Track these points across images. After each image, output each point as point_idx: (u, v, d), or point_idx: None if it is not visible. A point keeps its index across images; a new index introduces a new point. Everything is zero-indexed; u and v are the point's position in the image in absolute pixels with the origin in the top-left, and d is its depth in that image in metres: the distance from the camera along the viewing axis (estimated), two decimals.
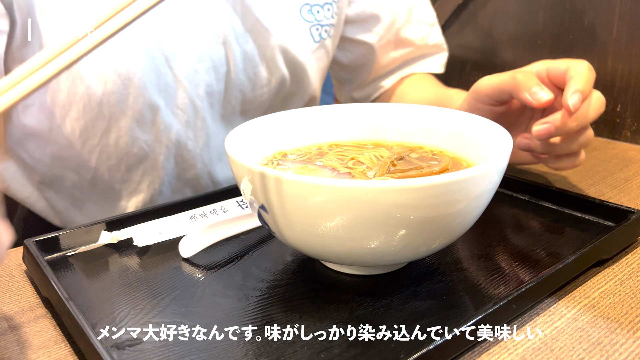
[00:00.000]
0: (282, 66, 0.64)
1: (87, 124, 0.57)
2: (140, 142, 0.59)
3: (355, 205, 0.34)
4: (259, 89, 0.64)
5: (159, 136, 0.60)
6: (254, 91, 0.64)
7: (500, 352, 0.35)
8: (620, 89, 0.75)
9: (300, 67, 0.66)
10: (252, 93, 0.64)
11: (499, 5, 0.86)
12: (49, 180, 0.64)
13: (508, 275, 0.42)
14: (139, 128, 0.58)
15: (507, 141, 0.40)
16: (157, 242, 0.48)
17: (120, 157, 0.60)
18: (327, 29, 0.67)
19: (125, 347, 0.35)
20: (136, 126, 0.58)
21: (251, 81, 0.63)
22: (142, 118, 0.58)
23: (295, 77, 0.66)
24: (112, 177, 0.62)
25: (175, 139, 0.61)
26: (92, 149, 0.59)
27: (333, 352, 0.34)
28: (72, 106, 0.56)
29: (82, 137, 0.58)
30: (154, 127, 0.59)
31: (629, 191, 0.58)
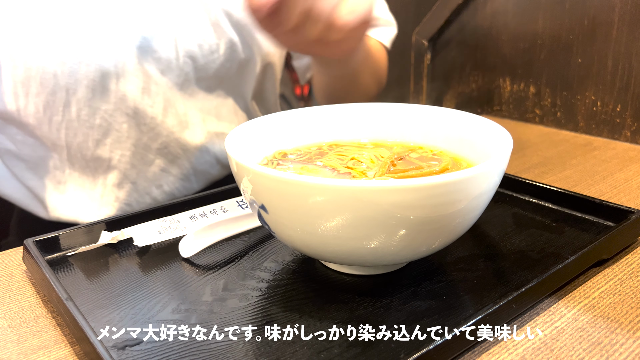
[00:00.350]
0: (229, 30, 0.65)
1: (48, 98, 0.58)
2: (100, 112, 0.61)
3: (355, 205, 0.34)
4: (209, 55, 0.65)
5: (117, 105, 0.61)
6: (204, 57, 0.65)
7: (500, 352, 0.35)
8: (620, 89, 0.75)
9: (247, 31, 0.67)
10: (203, 59, 0.65)
11: (499, 5, 0.86)
12: (33, 164, 0.65)
13: (508, 275, 0.42)
14: (96, 97, 0.60)
15: (507, 141, 0.40)
16: (157, 242, 0.48)
17: (85, 132, 0.61)
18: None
19: (125, 347, 0.35)
20: (93, 95, 0.59)
21: (200, 47, 0.64)
22: (97, 86, 0.59)
23: (245, 41, 0.67)
24: (84, 155, 0.63)
25: (133, 107, 0.62)
26: (59, 125, 0.60)
27: (333, 352, 0.34)
28: (31, 82, 0.57)
29: (47, 114, 0.59)
30: (110, 95, 0.60)
31: (629, 191, 0.58)
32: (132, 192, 0.66)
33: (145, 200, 0.68)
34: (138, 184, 0.66)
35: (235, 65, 0.68)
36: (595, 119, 0.78)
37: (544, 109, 0.84)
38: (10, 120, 0.61)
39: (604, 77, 0.76)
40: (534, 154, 0.71)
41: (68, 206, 0.66)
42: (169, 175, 0.68)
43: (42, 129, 0.61)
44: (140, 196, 0.67)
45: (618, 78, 0.75)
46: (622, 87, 0.74)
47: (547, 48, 0.81)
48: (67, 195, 0.66)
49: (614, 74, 0.75)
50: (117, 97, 0.61)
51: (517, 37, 0.85)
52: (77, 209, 0.66)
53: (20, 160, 0.65)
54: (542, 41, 0.82)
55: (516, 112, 0.88)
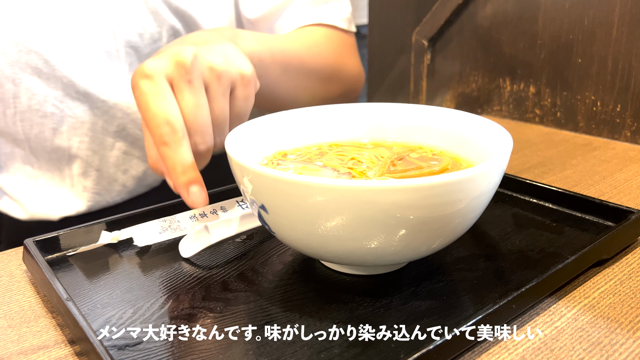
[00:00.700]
0: (169, 17, 0.64)
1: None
2: (50, 99, 0.60)
3: (355, 205, 0.34)
4: (152, 44, 0.64)
5: (66, 90, 0.60)
6: (147, 46, 0.64)
7: (500, 352, 0.35)
8: (620, 89, 0.75)
9: (189, 17, 0.65)
10: (146, 49, 0.64)
11: (499, 5, 0.86)
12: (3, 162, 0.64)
13: (508, 275, 0.42)
14: (44, 84, 0.59)
15: (507, 141, 0.40)
16: (157, 242, 0.48)
17: (39, 121, 0.61)
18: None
19: (125, 347, 0.35)
20: (40, 82, 0.59)
21: (141, 37, 0.63)
22: (42, 73, 0.59)
23: (188, 27, 0.66)
24: (44, 146, 0.62)
25: (84, 91, 0.61)
26: (14, 118, 0.60)
27: (333, 352, 0.34)
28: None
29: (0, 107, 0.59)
30: (56, 82, 0.60)
31: (629, 191, 0.58)
32: (99, 180, 0.65)
33: (115, 187, 0.67)
34: (103, 171, 0.65)
35: None
36: (595, 119, 0.78)
37: (544, 109, 0.84)
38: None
39: (604, 77, 0.76)
40: (534, 154, 0.71)
41: (42, 202, 0.65)
42: (133, 157, 0.67)
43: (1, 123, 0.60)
44: (108, 183, 0.66)
45: (618, 78, 0.75)
46: (622, 87, 0.74)
47: (547, 48, 0.81)
48: (39, 191, 0.65)
49: (614, 74, 0.75)
50: (64, 83, 0.60)
51: (517, 37, 0.85)
52: (51, 204, 0.65)
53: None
54: (542, 41, 0.82)
55: (516, 112, 0.88)
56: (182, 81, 0.43)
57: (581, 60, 0.78)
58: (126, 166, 0.67)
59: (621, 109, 0.75)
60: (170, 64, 0.43)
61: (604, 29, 0.74)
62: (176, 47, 0.44)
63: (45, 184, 0.65)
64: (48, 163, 0.64)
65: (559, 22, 0.79)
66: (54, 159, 0.64)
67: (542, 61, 0.83)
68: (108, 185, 0.66)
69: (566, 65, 0.80)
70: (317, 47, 0.70)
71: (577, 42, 0.78)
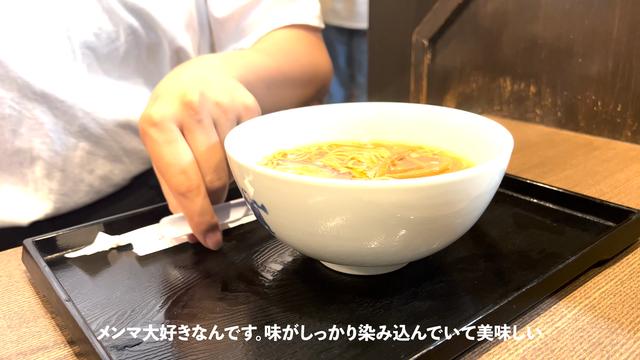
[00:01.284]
0: (126, 16, 0.63)
1: None
2: (6, 101, 0.59)
3: (355, 205, 0.34)
4: (110, 44, 0.63)
5: (22, 91, 0.59)
6: (105, 46, 0.63)
7: (501, 353, 0.35)
8: (621, 89, 0.74)
9: (146, 14, 0.64)
10: (103, 49, 0.63)
11: (499, 5, 0.86)
12: None
13: (508, 276, 0.42)
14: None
15: (508, 141, 0.40)
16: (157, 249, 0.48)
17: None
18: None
19: (125, 348, 0.35)
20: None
21: (97, 36, 0.62)
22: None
23: (147, 25, 0.65)
24: (5, 149, 0.61)
25: (41, 92, 0.60)
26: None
27: (333, 353, 0.34)
28: None
29: None
30: (11, 83, 0.58)
31: (630, 191, 0.58)
32: (65, 181, 0.64)
33: (82, 188, 0.66)
34: (68, 172, 0.64)
35: (143, 51, 0.66)
36: (595, 119, 0.78)
37: (545, 108, 0.84)
38: None
39: (604, 77, 0.76)
40: (535, 154, 0.71)
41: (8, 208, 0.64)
42: (98, 157, 0.66)
43: None
44: (74, 184, 0.65)
45: (619, 78, 0.75)
46: (622, 87, 0.74)
47: (547, 48, 0.81)
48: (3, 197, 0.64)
49: (614, 74, 0.75)
50: (19, 84, 0.58)
51: (518, 36, 0.85)
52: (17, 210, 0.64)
53: None
54: (543, 41, 0.81)
55: (516, 112, 0.88)
56: (193, 122, 0.43)
57: (582, 60, 0.78)
58: (92, 166, 0.66)
59: (622, 108, 0.75)
60: (178, 107, 0.43)
61: (604, 29, 0.74)
62: (178, 88, 0.44)
63: (8, 189, 0.64)
64: (9, 167, 0.63)
65: (559, 21, 0.79)
66: (16, 162, 0.62)
67: (542, 61, 0.82)
68: (74, 185, 0.65)
69: (567, 65, 0.80)
70: (294, 54, 0.69)
71: (577, 42, 0.78)
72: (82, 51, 0.61)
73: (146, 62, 0.67)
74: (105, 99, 0.65)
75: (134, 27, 0.64)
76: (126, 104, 0.66)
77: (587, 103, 0.79)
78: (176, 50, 0.70)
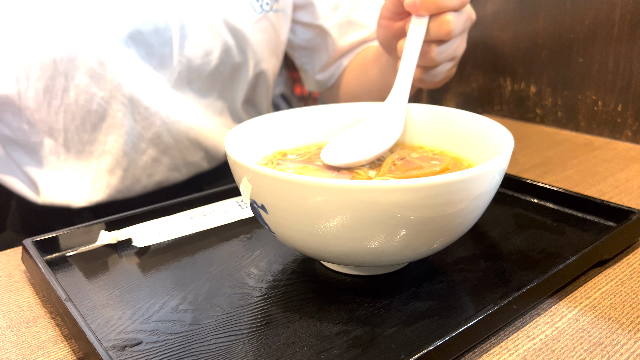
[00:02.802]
0: (225, 34, 0.67)
1: (47, 82, 0.60)
2: (97, 98, 0.62)
3: (356, 206, 0.34)
4: (204, 57, 0.66)
5: (113, 92, 0.62)
6: (199, 58, 0.66)
7: (501, 353, 0.35)
8: (622, 89, 0.74)
9: (242, 36, 0.68)
10: (197, 60, 0.66)
11: (499, 5, 0.86)
12: (30, 149, 0.66)
13: (509, 276, 0.42)
14: (93, 84, 0.61)
15: (508, 141, 0.40)
16: (156, 243, 0.48)
17: (83, 116, 0.63)
18: (269, 2, 0.71)
19: (124, 348, 0.35)
20: (90, 82, 0.61)
21: (195, 48, 0.65)
22: (95, 74, 0.61)
23: (240, 46, 0.69)
24: (81, 138, 0.64)
25: (129, 95, 0.63)
26: (58, 109, 0.62)
27: (333, 353, 0.34)
28: (32, 66, 0.59)
29: (46, 97, 0.61)
30: (106, 83, 0.62)
31: (630, 191, 0.58)
32: (124, 179, 0.68)
33: (136, 188, 0.69)
34: (129, 172, 0.67)
35: (228, 69, 0.70)
36: (596, 119, 0.78)
37: (545, 108, 0.84)
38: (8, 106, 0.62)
39: (605, 77, 0.76)
40: (535, 154, 0.71)
41: (61, 191, 0.67)
42: (160, 164, 0.69)
43: (40, 113, 0.62)
44: (131, 184, 0.69)
45: (619, 77, 0.74)
46: (623, 86, 0.74)
47: (548, 47, 0.81)
48: (60, 181, 0.67)
49: (615, 74, 0.75)
50: (112, 85, 0.62)
51: (518, 36, 0.84)
52: (69, 194, 0.67)
53: (18, 145, 0.66)
54: (543, 40, 0.81)
55: (517, 111, 0.88)
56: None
57: (582, 60, 0.78)
58: (152, 171, 0.69)
59: (622, 108, 0.75)
60: None
61: (605, 28, 0.74)
62: None
63: (67, 175, 0.67)
64: (77, 155, 0.66)
65: (559, 21, 0.79)
66: (86, 152, 0.66)
67: (543, 60, 0.82)
68: (130, 185, 0.69)
69: (567, 65, 0.80)
70: None
71: (578, 42, 0.78)
72: (178, 59, 0.65)
73: (227, 80, 0.71)
74: (183, 111, 0.68)
75: (228, 45, 0.68)
76: (200, 119, 0.70)
77: (587, 103, 0.79)
78: (257, 74, 0.74)
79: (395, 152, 0.48)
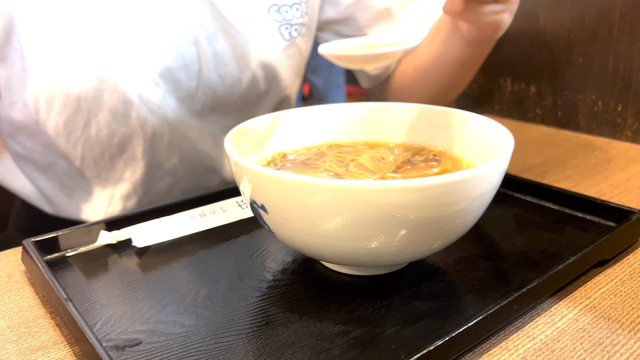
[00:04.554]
0: (253, 65, 0.66)
1: (69, 117, 0.59)
2: (119, 134, 0.61)
3: (356, 206, 0.33)
4: (230, 88, 0.66)
5: (135, 129, 0.62)
6: (225, 89, 0.65)
7: (501, 353, 0.35)
8: (622, 89, 0.74)
9: (271, 66, 0.67)
10: (223, 91, 0.65)
11: None
12: (42, 167, 0.66)
13: (509, 276, 0.42)
14: (116, 121, 0.60)
15: (509, 141, 0.40)
16: (156, 243, 0.48)
17: (102, 147, 0.62)
18: (297, 28, 0.68)
19: (124, 348, 0.35)
20: (113, 120, 0.60)
21: (222, 79, 0.65)
22: (118, 112, 0.60)
23: (267, 75, 0.68)
24: (98, 166, 0.64)
25: (151, 132, 0.63)
26: (77, 140, 0.61)
27: (333, 353, 0.34)
28: (54, 101, 0.58)
29: (66, 129, 0.60)
30: (130, 121, 0.61)
31: (630, 191, 0.58)
32: (138, 204, 0.67)
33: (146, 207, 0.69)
34: (145, 197, 0.68)
35: (253, 97, 0.69)
36: (596, 119, 0.78)
37: (545, 108, 0.84)
38: (24, 129, 0.61)
39: (605, 77, 0.76)
40: (535, 154, 0.71)
41: (74, 209, 0.67)
42: (176, 190, 0.69)
43: (58, 141, 0.61)
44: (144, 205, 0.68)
45: (619, 78, 0.74)
46: (623, 86, 0.74)
47: (548, 47, 0.81)
48: (74, 200, 0.67)
49: (615, 74, 0.75)
50: (136, 124, 0.61)
51: (518, 36, 0.84)
52: (83, 212, 0.67)
53: (29, 162, 0.66)
54: (543, 40, 0.81)
55: (517, 111, 0.88)
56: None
57: (582, 60, 0.78)
58: (167, 195, 0.69)
59: (622, 108, 0.75)
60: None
61: (605, 29, 0.74)
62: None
63: (81, 195, 0.67)
64: (92, 180, 0.65)
65: (559, 21, 0.79)
66: (102, 178, 0.65)
67: (543, 60, 0.82)
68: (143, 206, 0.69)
69: (567, 65, 0.80)
70: None
71: (578, 42, 0.78)
72: (204, 90, 0.64)
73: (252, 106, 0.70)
74: (203, 141, 0.67)
75: (256, 77, 0.66)
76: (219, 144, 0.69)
77: (587, 103, 0.79)
78: (282, 98, 0.73)
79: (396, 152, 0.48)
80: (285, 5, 0.67)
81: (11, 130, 0.63)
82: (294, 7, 0.67)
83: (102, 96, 0.58)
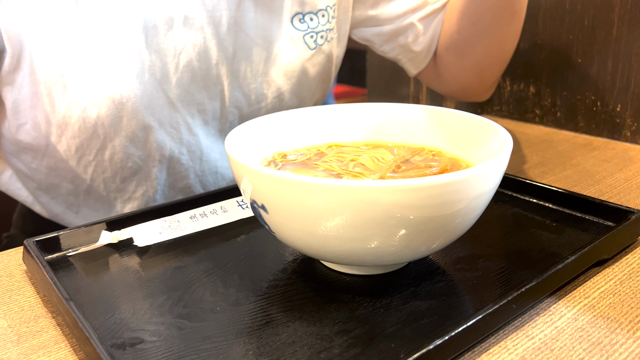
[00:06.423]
0: (278, 79, 0.64)
1: (83, 142, 0.58)
2: (134, 157, 0.60)
3: (356, 205, 0.34)
4: (256, 104, 0.64)
5: (152, 152, 0.61)
6: (250, 106, 0.64)
7: (500, 352, 0.35)
8: (621, 89, 0.75)
9: (295, 79, 0.65)
10: (249, 108, 0.64)
11: None
12: (45, 187, 0.64)
13: (508, 275, 0.42)
14: (133, 146, 0.59)
15: (508, 141, 0.40)
16: (157, 242, 0.48)
17: (115, 170, 0.61)
18: (324, 34, 0.66)
19: (125, 347, 0.35)
20: (130, 144, 0.59)
21: (247, 97, 0.63)
22: (136, 137, 0.59)
23: (293, 88, 0.66)
24: (108, 187, 0.63)
25: (169, 155, 0.62)
26: (88, 163, 0.60)
27: (333, 352, 0.34)
28: (68, 127, 0.56)
29: (78, 153, 0.59)
30: (147, 145, 0.60)
31: (629, 191, 0.58)
32: None
33: None
34: None
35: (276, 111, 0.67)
36: (595, 119, 0.78)
37: (544, 108, 0.84)
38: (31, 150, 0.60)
39: (604, 77, 0.76)
40: (534, 154, 0.71)
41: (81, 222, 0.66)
42: None
43: (67, 164, 0.60)
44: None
45: (618, 78, 0.75)
46: (622, 87, 0.74)
47: (547, 48, 0.81)
48: (79, 216, 0.66)
49: (613, 74, 0.75)
50: (153, 147, 0.60)
51: None
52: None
53: (33, 181, 0.65)
54: (542, 41, 0.82)
55: (516, 112, 0.88)
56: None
57: (581, 60, 0.78)
58: None
59: (621, 108, 0.75)
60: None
61: (604, 29, 0.74)
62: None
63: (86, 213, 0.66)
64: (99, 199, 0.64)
65: (559, 21, 0.79)
66: (111, 197, 0.64)
67: (542, 61, 0.83)
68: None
69: (566, 65, 0.80)
70: None
71: (577, 42, 0.78)
72: (229, 109, 0.63)
73: None
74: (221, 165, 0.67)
75: (281, 91, 0.65)
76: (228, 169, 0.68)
77: (586, 103, 0.79)
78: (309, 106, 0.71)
79: (395, 152, 0.49)
80: (310, 13, 0.65)
81: (16, 150, 0.62)
82: (319, 14, 0.65)
83: (120, 122, 0.57)
